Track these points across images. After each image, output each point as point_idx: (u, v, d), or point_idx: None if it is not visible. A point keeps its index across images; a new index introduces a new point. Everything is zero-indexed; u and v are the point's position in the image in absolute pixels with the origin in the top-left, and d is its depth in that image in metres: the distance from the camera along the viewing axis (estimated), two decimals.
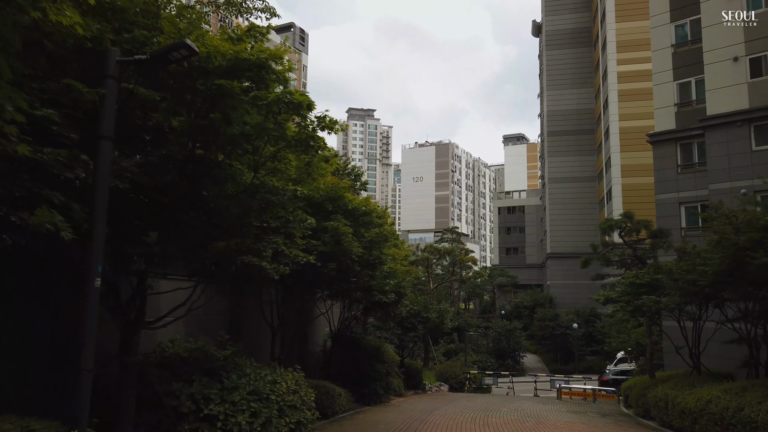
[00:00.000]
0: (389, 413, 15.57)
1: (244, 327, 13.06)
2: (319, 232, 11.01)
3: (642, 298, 16.74)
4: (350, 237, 10.85)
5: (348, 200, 11.76)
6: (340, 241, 10.73)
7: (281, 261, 9.34)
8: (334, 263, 12.43)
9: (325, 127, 7.41)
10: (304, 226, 8.89)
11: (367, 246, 11.92)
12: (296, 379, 9.77)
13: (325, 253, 10.89)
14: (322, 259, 11.87)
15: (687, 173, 26.08)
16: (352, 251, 11.03)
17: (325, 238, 10.72)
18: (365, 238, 11.80)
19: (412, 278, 20.54)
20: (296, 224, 8.56)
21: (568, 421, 16.30)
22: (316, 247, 10.68)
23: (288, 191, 7.83)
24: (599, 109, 58.27)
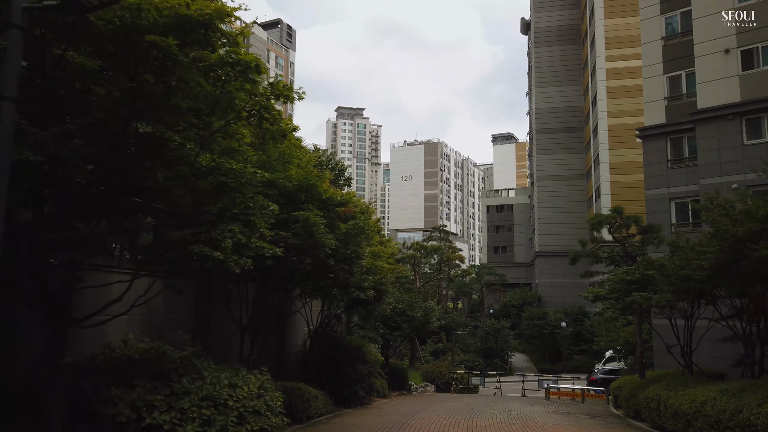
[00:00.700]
0: (369, 416, 14.78)
1: (212, 326, 12.19)
2: (290, 224, 10.18)
3: (633, 294, 16.10)
4: (323, 228, 10.03)
5: (322, 190, 10.93)
6: (312, 233, 9.91)
7: (244, 253, 8.51)
8: (309, 259, 11.62)
9: (280, 95, 6.60)
10: (266, 213, 8.04)
11: (342, 239, 11.10)
12: (261, 382, 8.94)
13: (296, 246, 10.06)
14: (296, 253, 11.06)
15: (677, 168, 25.57)
16: (325, 244, 10.21)
17: (296, 229, 9.88)
18: (340, 230, 10.99)
19: (394, 275, 19.73)
20: (257, 211, 7.72)
21: (557, 423, 15.61)
22: (286, 239, 9.85)
23: (246, 173, 7.00)
24: (588, 107, 57.91)
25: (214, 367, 8.29)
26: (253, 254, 8.56)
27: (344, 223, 11.80)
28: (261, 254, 8.67)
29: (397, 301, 23.54)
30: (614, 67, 51.44)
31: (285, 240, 9.87)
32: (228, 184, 6.79)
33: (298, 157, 11.94)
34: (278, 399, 9.07)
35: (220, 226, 7.08)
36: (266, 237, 9.16)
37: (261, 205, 7.70)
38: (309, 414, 12.95)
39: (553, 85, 63.35)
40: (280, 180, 10.14)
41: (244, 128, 6.61)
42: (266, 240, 9.24)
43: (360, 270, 13.29)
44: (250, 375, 8.72)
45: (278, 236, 9.85)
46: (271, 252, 8.64)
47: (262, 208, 7.75)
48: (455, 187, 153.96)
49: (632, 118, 49.80)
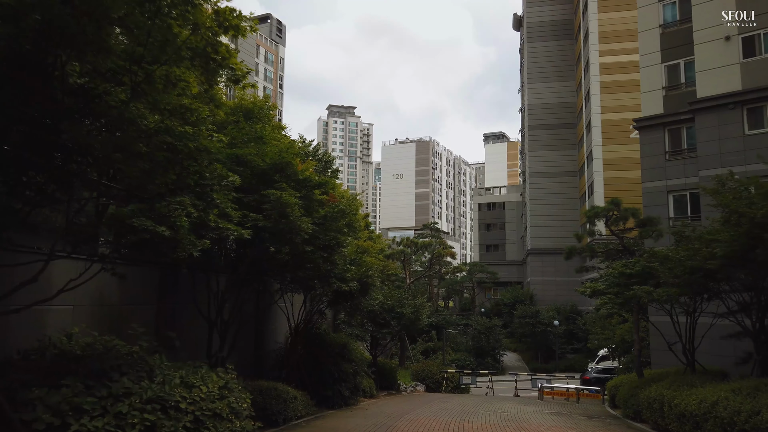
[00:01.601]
0: (352, 419, 13.74)
1: (179, 321, 11.09)
2: (262, 205, 9.10)
3: (633, 288, 15.16)
4: (298, 210, 8.97)
5: (299, 169, 9.87)
6: (286, 215, 8.84)
7: (205, 234, 7.43)
8: (287, 247, 10.56)
9: (229, 28, 5.53)
10: (226, 185, 6.95)
11: (321, 223, 10.04)
12: (225, 382, 7.87)
13: (268, 229, 8.99)
14: (271, 239, 9.99)
15: (675, 160, 24.73)
16: (301, 228, 9.14)
17: (267, 210, 8.81)
18: (319, 214, 9.93)
19: (381, 266, 18.70)
20: (214, 182, 6.64)
21: (553, 425, 14.66)
22: (256, 221, 8.78)
23: (200, 136, 5.94)
24: (581, 102, 57.20)
25: (167, 365, 7.22)
26: (216, 236, 7.48)
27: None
28: (225, 236, 7.59)
29: (385, 297, 22.53)
30: (608, 61, 50.74)
31: (255, 223, 8.80)
32: (176, 148, 5.72)
33: (276, 139, 10.85)
34: (245, 400, 8.00)
35: (167, 198, 6.02)
36: (232, 218, 8.09)
37: (219, 175, 6.62)
38: (286, 416, 11.89)
39: (545, 80, 62.60)
40: (250, 156, 9.07)
41: (189, 73, 5.53)
42: (233, 222, 8.17)
43: (343, 261, 12.24)
44: (211, 373, 7.65)
45: (247, 218, 8.78)
46: (236, 233, 7.58)
47: (221, 179, 6.67)
48: (447, 186, 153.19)
49: (626, 114, 49.11)
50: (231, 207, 8.00)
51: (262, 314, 15.97)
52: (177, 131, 6.03)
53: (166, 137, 5.59)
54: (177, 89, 5.37)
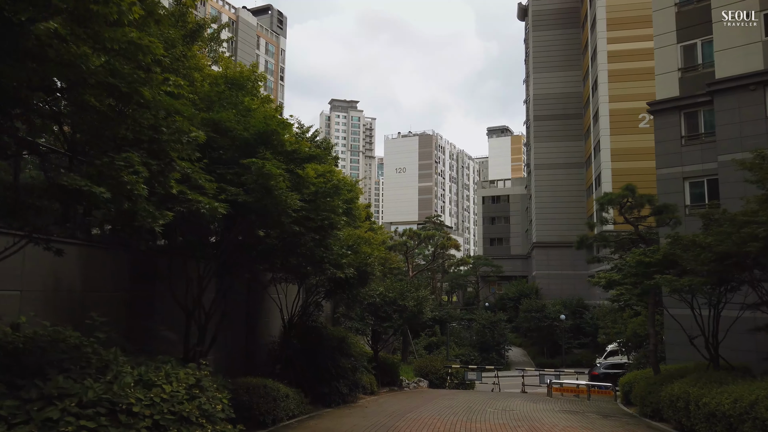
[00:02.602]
0: (349, 418, 12.65)
1: (156, 310, 10.01)
2: (243, 177, 7.96)
3: (654, 278, 14.00)
4: (283, 182, 7.84)
5: (286, 140, 8.74)
6: (269, 189, 7.71)
7: (172, 208, 6.32)
8: (275, 231, 9.44)
9: None
10: (187, 142, 5.80)
11: (311, 200, 8.91)
12: (198, 379, 6.77)
13: (249, 205, 7.87)
14: (257, 221, 8.87)
15: (692, 145, 23.49)
16: (288, 204, 8.01)
17: (247, 181, 7.68)
18: (309, 191, 8.81)
19: (381, 256, 17.61)
20: (173, 137, 5.51)
21: (567, 425, 13.55)
22: (236, 196, 7.66)
23: (153, 80, 4.83)
24: (587, 92, 55.84)
25: (124, 359, 6.13)
26: (184, 209, 6.36)
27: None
28: (195, 210, 6.47)
29: (387, 290, 21.41)
30: (616, 49, 49.35)
31: (235, 198, 7.68)
32: (125, 93, 4.59)
33: (263, 112, 9.67)
34: (220, 401, 6.90)
35: (110, 154, 4.91)
36: (206, 190, 6.97)
37: (179, 129, 5.49)
38: (276, 416, 10.81)
39: (551, 70, 61.22)
40: (230, 123, 7.93)
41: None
42: (207, 195, 7.05)
43: (339, 245, 11.11)
44: (179, 370, 6.55)
45: (225, 192, 7.66)
46: (207, 206, 6.46)
47: (180, 134, 5.54)
48: (450, 180, 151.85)
49: (635, 103, 47.81)
50: (204, 177, 6.87)
51: (253, 306, 14.89)
52: (126, 72, 4.90)
53: (113, 79, 4.48)
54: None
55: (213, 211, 6.69)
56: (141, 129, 5.10)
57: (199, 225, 8.75)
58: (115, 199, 5.15)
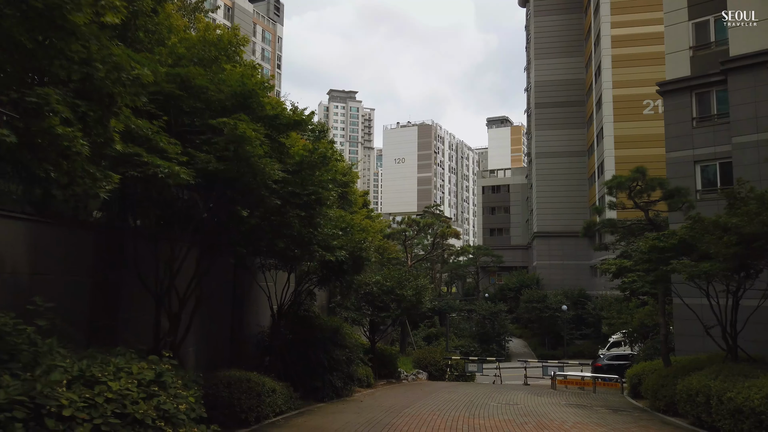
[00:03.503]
0: (342, 414, 11.69)
1: (124, 297, 9.00)
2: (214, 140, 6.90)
3: (671, 263, 13.01)
4: (260, 148, 6.79)
5: (267, 102, 7.68)
6: (245, 156, 6.66)
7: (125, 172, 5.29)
8: (259, 210, 8.42)
9: None
10: (130, 82, 4.69)
11: (296, 171, 7.87)
12: (158, 374, 5.77)
13: (221, 174, 6.83)
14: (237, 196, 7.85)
15: (704, 127, 22.43)
16: (266, 173, 6.98)
17: (218, 146, 6.64)
18: (293, 160, 7.75)
19: (378, 242, 16.61)
20: (111, 75, 4.44)
21: (577, 420, 12.61)
22: (206, 163, 6.63)
23: None
24: (590, 78, 54.66)
25: (62, 352, 5.14)
26: (138, 174, 5.32)
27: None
28: (152, 175, 5.44)
29: (384, 278, 20.45)
30: (620, 34, 48.12)
31: (205, 165, 6.64)
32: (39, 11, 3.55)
33: (239, 72, 8.53)
34: (185, 399, 5.90)
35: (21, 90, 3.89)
36: (167, 154, 5.93)
37: (116, 65, 4.43)
38: (260, 413, 9.84)
39: (553, 56, 59.97)
40: (201, 81, 6.86)
41: None
42: (170, 160, 6.01)
43: (329, 225, 10.09)
44: (133, 364, 5.55)
45: (195, 160, 6.62)
46: (167, 170, 5.43)
47: (119, 71, 4.48)
48: (449, 171, 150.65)
49: (639, 88, 46.71)
50: (165, 140, 5.84)
51: (240, 294, 13.90)
52: None
53: None
54: None
55: (175, 178, 5.67)
56: (69, 64, 4.06)
57: (171, 199, 7.73)
58: (33, 149, 4.12)
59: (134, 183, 5.56)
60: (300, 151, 7.78)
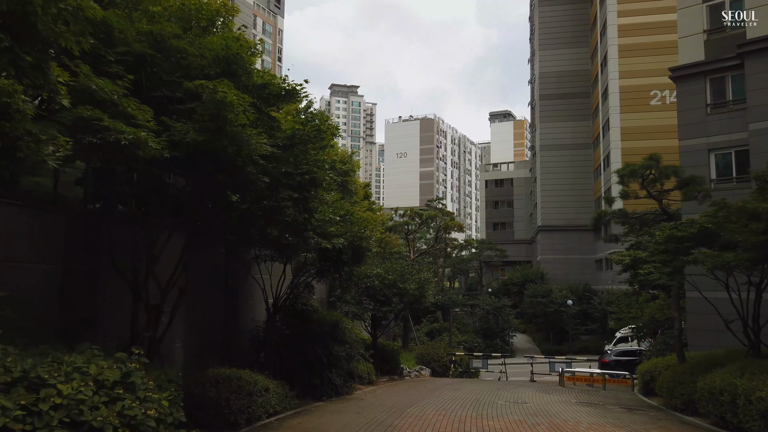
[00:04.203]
0: (341, 415, 10.92)
1: (101, 287, 8.22)
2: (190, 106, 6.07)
3: (692, 253, 12.20)
4: (242, 116, 5.98)
5: (254, 70, 6.86)
6: (226, 125, 5.82)
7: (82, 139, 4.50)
8: (250, 195, 7.63)
9: None
10: (69, 15, 3.85)
11: (288, 146, 7.05)
12: (126, 374, 4.99)
13: (199, 145, 6.01)
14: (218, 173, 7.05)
15: (718, 114, 21.54)
16: (251, 146, 6.16)
17: (197, 113, 5.82)
18: (283, 135, 6.94)
19: (379, 234, 15.86)
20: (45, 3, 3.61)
21: (592, 420, 11.83)
22: (183, 134, 5.82)
23: None
24: (596, 69, 53.66)
25: (7, 349, 4.35)
26: (98, 140, 4.53)
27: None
28: (114, 142, 4.64)
29: (386, 272, 19.68)
30: (627, 23, 47.09)
31: (182, 137, 5.83)
32: None
33: (222, 35, 7.65)
34: (157, 403, 5.13)
35: None
36: (137, 120, 5.13)
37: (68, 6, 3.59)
38: (251, 415, 9.08)
39: (558, 47, 58.92)
40: (178, 42, 6.05)
41: None
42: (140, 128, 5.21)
43: (326, 210, 9.28)
44: (92, 363, 4.78)
45: (171, 131, 5.81)
46: (131, 137, 4.64)
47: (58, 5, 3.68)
48: (452, 165, 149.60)
49: (646, 79, 45.76)
50: (133, 104, 5.05)
51: (234, 286, 13.14)
52: None
53: None
54: None
55: (143, 147, 4.88)
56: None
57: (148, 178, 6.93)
58: None
59: (93, 152, 4.78)
60: (292, 124, 6.97)
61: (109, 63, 5.38)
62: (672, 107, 45.09)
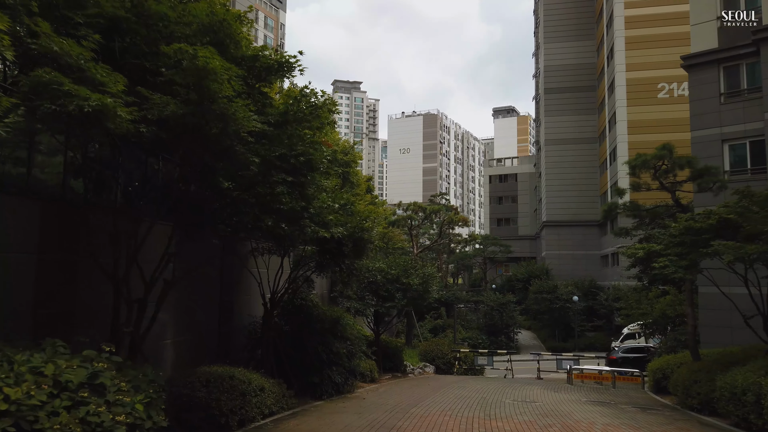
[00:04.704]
0: (341, 415, 10.33)
1: (81, 280, 7.64)
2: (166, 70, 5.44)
3: (713, 244, 11.55)
4: (227, 85, 5.35)
5: (242, 38, 6.23)
6: (209, 93, 5.20)
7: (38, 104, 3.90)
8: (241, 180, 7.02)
9: None
10: None
11: (280, 123, 6.42)
12: (92, 374, 4.40)
13: (180, 121, 5.38)
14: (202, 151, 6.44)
15: (732, 103, 20.84)
16: (238, 120, 5.54)
17: (177, 83, 5.20)
18: (275, 111, 6.30)
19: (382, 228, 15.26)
20: None
21: (607, 422, 11.22)
22: (161, 108, 5.21)
23: None
24: (602, 61, 52.81)
25: None
26: (57, 107, 3.93)
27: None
28: (76, 110, 4.03)
29: (389, 266, 19.07)
30: (634, 14, 46.21)
31: (162, 110, 5.22)
32: None
33: (217, 3, 6.98)
34: (130, 407, 4.54)
35: None
36: (105, 87, 4.51)
37: None
38: (245, 416, 8.50)
39: (563, 40, 58.07)
40: (154, 6, 5.42)
41: None
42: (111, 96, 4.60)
43: (324, 197, 8.66)
44: (48, 363, 4.20)
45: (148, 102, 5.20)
46: (95, 104, 4.04)
47: None
48: (455, 161, 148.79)
49: (654, 71, 44.94)
50: (102, 71, 4.45)
51: (229, 281, 12.55)
52: None
53: None
54: None
55: (112, 118, 4.27)
56: None
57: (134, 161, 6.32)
58: None
59: (53, 122, 4.17)
60: (285, 99, 6.35)
61: (77, 26, 4.78)
62: (680, 100, 44.26)
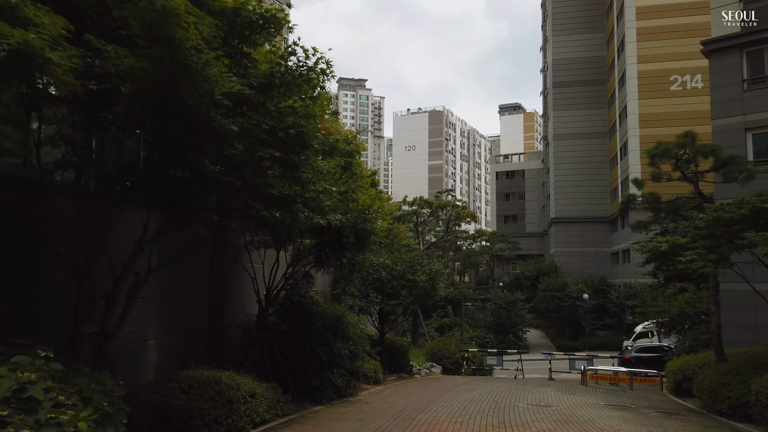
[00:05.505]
0: (341, 423, 9.41)
1: (41, 275, 6.75)
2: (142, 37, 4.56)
3: (745, 236, 10.56)
4: (194, 31, 4.40)
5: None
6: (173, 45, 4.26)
7: None
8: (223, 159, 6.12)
9: None
10: None
11: (263, 89, 5.51)
12: (24, 384, 3.50)
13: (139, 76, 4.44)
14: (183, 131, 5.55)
15: (757, 89, 19.77)
16: (209, 78, 4.60)
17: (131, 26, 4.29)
18: (258, 72, 5.41)
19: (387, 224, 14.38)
20: None
21: (632, 429, 10.24)
22: (118, 61, 4.28)
23: None
24: (612, 54, 51.62)
25: None
26: None
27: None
28: None
29: (394, 262, 18.17)
30: (646, 4, 45.03)
31: (117, 65, 4.30)
32: None
33: None
34: (69, 426, 3.64)
35: None
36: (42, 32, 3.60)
37: None
38: (231, 425, 7.59)
39: (572, 33, 56.88)
40: None
41: None
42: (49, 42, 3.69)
43: (320, 180, 7.74)
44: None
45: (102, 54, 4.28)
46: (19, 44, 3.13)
47: None
48: (461, 158, 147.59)
49: (666, 63, 43.78)
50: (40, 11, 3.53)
51: (221, 276, 11.66)
52: None
53: None
54: None
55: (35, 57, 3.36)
56: None
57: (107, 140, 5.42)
58: None
59: None
60: (270, 57, 5.42)
61: None
62: (693, 92, 43.06)
